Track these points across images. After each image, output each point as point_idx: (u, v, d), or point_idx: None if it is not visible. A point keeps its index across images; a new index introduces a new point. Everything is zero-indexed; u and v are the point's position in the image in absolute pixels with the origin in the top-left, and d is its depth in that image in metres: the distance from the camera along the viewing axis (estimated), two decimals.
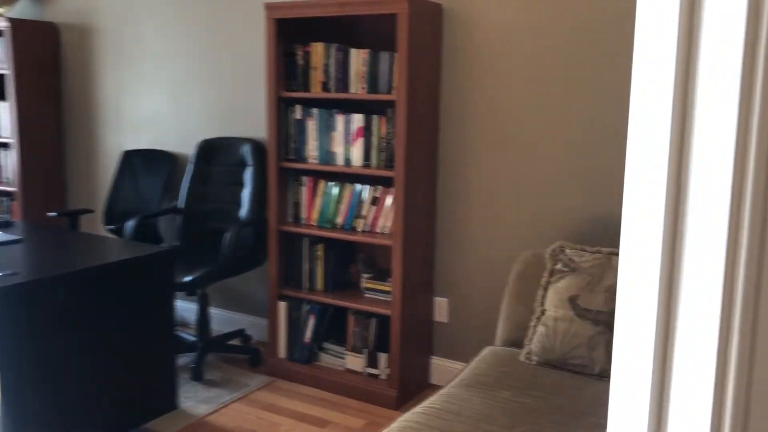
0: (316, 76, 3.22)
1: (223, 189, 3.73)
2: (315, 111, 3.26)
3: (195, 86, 3.93)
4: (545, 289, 2.46)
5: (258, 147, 3.67)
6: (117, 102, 4.26)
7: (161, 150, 4.09)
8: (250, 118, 3.77)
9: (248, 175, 3.66)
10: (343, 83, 3.18)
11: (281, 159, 3.33)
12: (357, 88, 3.14)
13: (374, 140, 3.14)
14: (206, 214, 3.74)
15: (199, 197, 3.76)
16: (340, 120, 3.20)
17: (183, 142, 4.03)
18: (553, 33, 2.89)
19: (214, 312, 4.06)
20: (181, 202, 3.79)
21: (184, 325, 4.17)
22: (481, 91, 3.09)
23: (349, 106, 3.35)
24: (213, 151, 3.77)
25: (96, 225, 4.50)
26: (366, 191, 3.19)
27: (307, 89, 3.26)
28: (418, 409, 2.07)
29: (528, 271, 2.61)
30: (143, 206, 4.01)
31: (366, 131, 3.15)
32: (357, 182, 3.24)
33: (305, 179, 3.35)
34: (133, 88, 4.18)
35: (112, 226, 3.67)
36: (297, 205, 3.39)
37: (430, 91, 3.13)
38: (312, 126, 3.27)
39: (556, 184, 2.96)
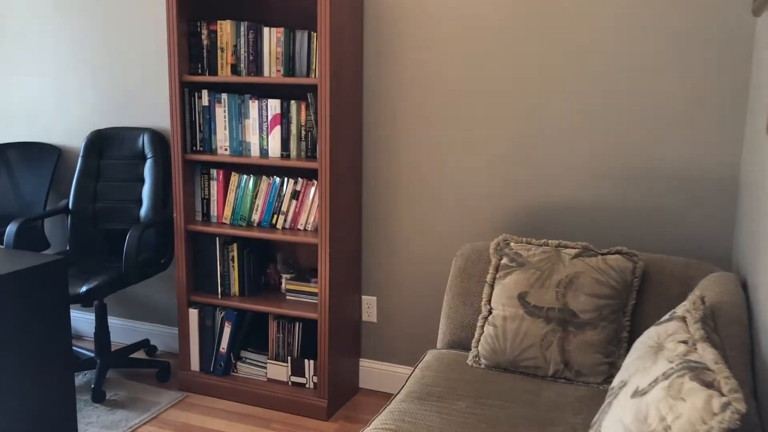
0: (225, 58, 2.89)
1: (120, 186, 3.32)
2: (224, 97, 2.93)
3: (82, 69, 3.49)
4: (491, 286, 2.29)
5: (158, 138, 3.29)
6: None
7: (43, 143, 3.62)
8: (148, 106, 3.38)
9: (148, 170, 3.28)
10: (256, 66, 2.87)
11: (187, 151, 2.99)
12: (272, 71, 2.84)
13: (293, 128, 2.86)
14: (100, 213, 3.32)
15: (90, 195, 3.34)
16: (253, 106, 2.90)
17: (70, 134, 3.58)
18: (488, 4, 2.71)
19: (113, 322, 3.65)
20: (70, 201, 3.35)
21: (80, 337, 3.73)
22: (409, 73, 2.88)
23: (263, 92, 3.04)
24: (105, 143, 3.36)
25: None
26: (286, 184, 2.91)
27: (214, 72, 2.93)
28: (369, 429, 1.84)
29: (469, 267, 2.43)
30: (25, 208, 3.53)
31: (283, 119, 2.86)
32: (275, 175, 2.95)
33: (215, 172, 3.02)
34: (6, 74, 3.67)
35: None
36: (206, 201, 3.06)
37: (354, 74, 2.88)
38: (221, 113, 2.95)
39: (493, 173, 2.80)
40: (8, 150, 3.65)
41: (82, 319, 3.74)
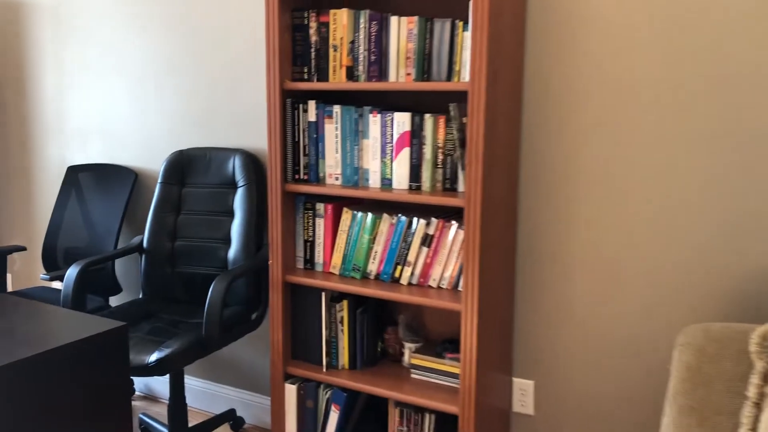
0: (339, 59, 2.20)
1: (204, 220, 2.68)
2: (337, 109, 2.23)
3: (162, 78, 2.89)
4: (756, 405, 1.45)
5: (253, 161, 2.64)
6: (59, 101, 3.20)
7: (119, 165, 3.04)
8: (241, 121, 2.73)
9: (239, 201, 2.63)
10: (379, 68, 2.15)
11: (287, 179, 2.30)
12: (400, 75, 2.12)
13: (427, 151, 2.12)
14: (180, 254, 2.69)
15: (169, 231, 2.71)
16: (374, 122, 2.18)
17: (147, 155, 2.99)
18: (697, 6, 1.89)
19: (192, 383, 3.01)
20: (145, 237, 2.74)
21: (153, 399, 3.12)
22: (588, 80, 2.09)
23: (388, 103, 2.33)
24: (188, 166, 2.73)
25: (33, 268, 3.44)
26: (415, 226, 2.17)
27: (324, 78, 2.23)
28: None
29: (706, 365, 1.60)
30: (96, 240, 2.96)
31: (414, 139, 2.13)
32: (400, 212, 2.22)
33: (323, 208, 2.32)
34: (79, 82, 3.12)
35: (46, 276, 2.61)
36: (310, 244, 2.36)
37: (513, 80, 2.11)
38: (332, 131, 2.25)
39: (708, 221, 1.96)
40: (80, 173, 3.09)
41: (158, 378, 3.12)
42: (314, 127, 2.27)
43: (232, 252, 2.60)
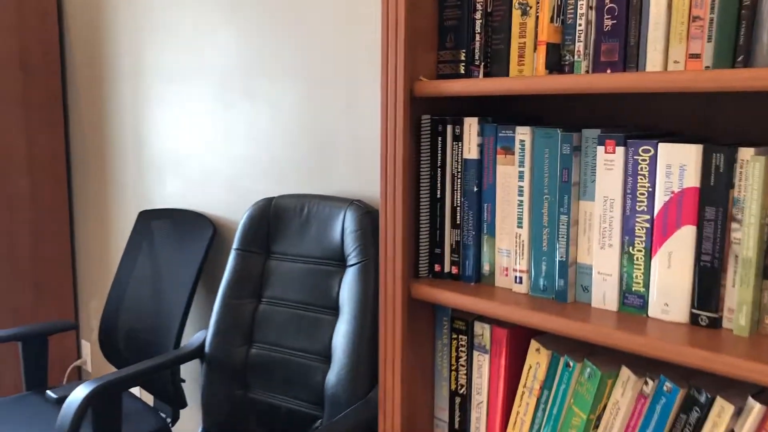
0: (532, 30, 1.03)
1: (294, 316, 1.62)
2: (524, 135, 1.06)
3: (253, 85, 1.88)
4: None
5: (374, 223, 1.53)
6: (135, 128, 2.33)
7: (195, 212, 2.08)
8: (362, 155, 1.65)
9: (349, 289, 1.53)
10: (623, 45, 0.95)
11: (417, 273, 1.16)
12: (673, 58, 0.90)
13: (746, 239, 0.88)
14: (255, 369, 1.65)
15: (243, 331, 1.68)
16: (609, 162, 0.97)
17: (231, 198, 2.00)
18: None
19: None
20: (207, 338, 1.74)
21: None
22: None
23: (623, 119, 1.12)
24: (277, 225, 1.69)
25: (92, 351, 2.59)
26: (701, 411, 0.92)
27: (501, 70, 1.07)
28: None
29: None
30: (162, 319, 2.01)
31: (708, 205, 0.90)
32: (661, 371, 0.98)
33: (487, 333, 1.15)
34: (156, 93, 2.22)
35: (53, 395, 1.69)
36: (462, 401, 1.19)
37: None
38: (512, 180, 1.08)
39: None
40: (153, 220, 2.18)
41: None
42: (476, 170, 1.12)
43: (333, 377, 1.51)
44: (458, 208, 1.14)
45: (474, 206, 1.12)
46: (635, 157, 0.95)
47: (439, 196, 1.15)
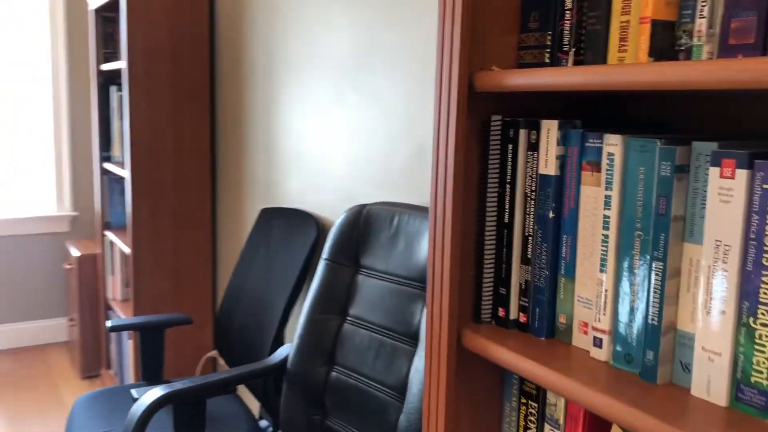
0: (637, 3, 0.74)
1: (374, 341, 1.42)
2: (613, 148, 0.77)
3: (367, 75, 1.70)
4: None
5: None
6: (266, 123, 2.26)
7: (305, 212, 1.96)
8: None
9: None
10: None
11: (476, 317, 0.91)
12: None
13: None
14: (334, 394, 1.48)
15: (325, 347, 1.52)
16: (729, 190, 0.66)
17: (335, 199, 1.84)
18: None
19: None
20: (291, 353, 1.60)
21: None
22: None
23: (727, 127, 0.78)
24: (366, 236, 1.49)
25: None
26: None
27: (597, 56, 0.79)
28: None
29: None
30: (263, 318, 1.92)
31: None
32: None
33: (561, 408, 0.87)
34: (284, 97, 2.12)
35: None
36: None
37: None
38: (596, 206, 0.79)
39: None
40: (271, 218, 2.10)
41: None
42: (554, 191, 0.85)
43: (405, 419, 1.29)
44: (530, 238, 0.88)
45: (550, 237, 0.85)
46: (765, 186, 0.63)
47: (506, 220, 0.90)
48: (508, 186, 0.89)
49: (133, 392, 1.65)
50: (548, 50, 0.87)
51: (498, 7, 0.87)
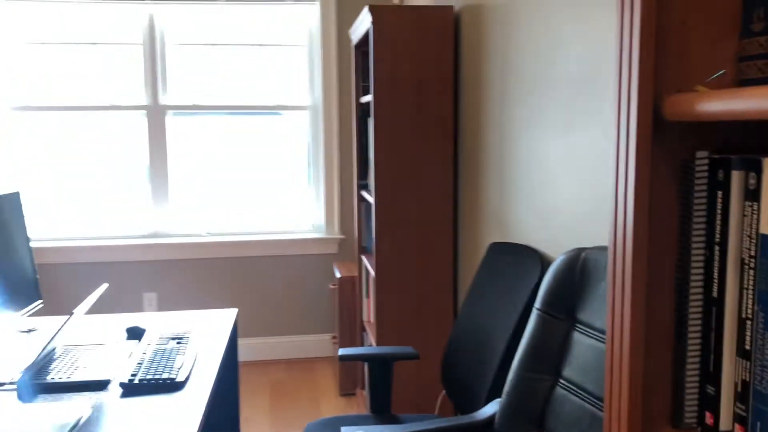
0: None
1: (585, 414, 1.19)
2: None
3: (597, 117, 1.47)
4: None
5: None
6: (500, 152, 2.11)
7: (531, 248, 1.76)
8: None
9: None
10: None
11: (682, 419, 0.68)
12: None
13: None
14: None
15: (533, 412, 1.33)
16: None
17: (566, 242, 1.62)
18: None
19: None
20: (498, 414, 1.43)
21: None
22: None
23: None
24: (583, 285, 1.27)
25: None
26: None
27: None
28: None
29: None
30: (482, 361, 1.77)
31: None
32: None
33: None
34: (515, 122, 1.96)
35: None
36: None
37: None
38: None
39: None
40: (498, 253, 1.95)
41: None
42: None
43: None
44: (748, 321, 0.62)
45: None
46: None
47: (715, 295, 0.65)
48: (717, 248, 0.65)
49: (343, 429, 1.62)
50: None
51: (703, 4, 0.64)
